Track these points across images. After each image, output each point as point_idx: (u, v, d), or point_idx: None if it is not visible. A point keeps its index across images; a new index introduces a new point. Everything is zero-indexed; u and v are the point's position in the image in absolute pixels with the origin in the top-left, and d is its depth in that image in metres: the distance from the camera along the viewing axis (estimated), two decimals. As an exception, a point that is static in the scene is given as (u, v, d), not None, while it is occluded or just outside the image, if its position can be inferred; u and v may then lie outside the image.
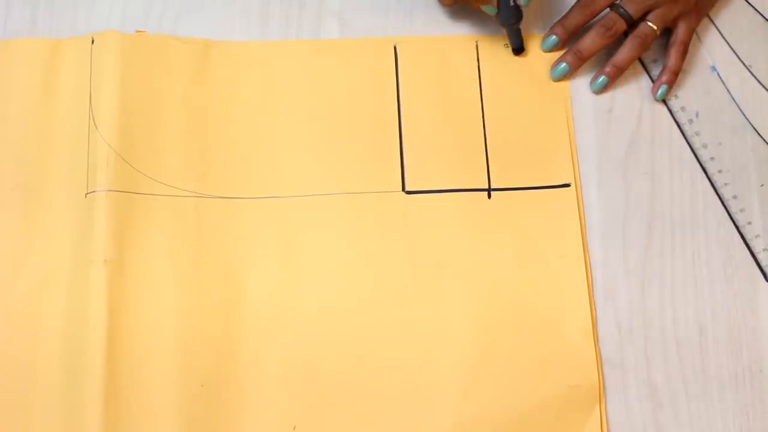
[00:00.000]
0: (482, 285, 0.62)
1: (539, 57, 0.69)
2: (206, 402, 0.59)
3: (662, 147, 0.68)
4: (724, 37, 0.71)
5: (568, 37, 0.68)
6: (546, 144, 0.66)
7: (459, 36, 0.69)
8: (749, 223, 0.66)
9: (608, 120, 0.68)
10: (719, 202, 0.67)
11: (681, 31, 0.68)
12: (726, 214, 0.66)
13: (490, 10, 0.66)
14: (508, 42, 0.68)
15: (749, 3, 0.72)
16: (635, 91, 0.69)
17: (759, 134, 0.69)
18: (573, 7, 0.68)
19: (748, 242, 0.66)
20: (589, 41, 0.67)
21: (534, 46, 0.69)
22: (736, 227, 0.66)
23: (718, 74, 0.70)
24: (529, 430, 0.60)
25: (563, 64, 0.67)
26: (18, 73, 0.65)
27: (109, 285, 0.59)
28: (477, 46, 0.69)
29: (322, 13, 0.69)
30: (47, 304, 0.60)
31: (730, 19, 0.72)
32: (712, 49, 0.71)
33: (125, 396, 0.58)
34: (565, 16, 0.68)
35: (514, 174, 0.65)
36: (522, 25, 0.67)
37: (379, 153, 0.65)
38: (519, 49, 0.68)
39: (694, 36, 0.70)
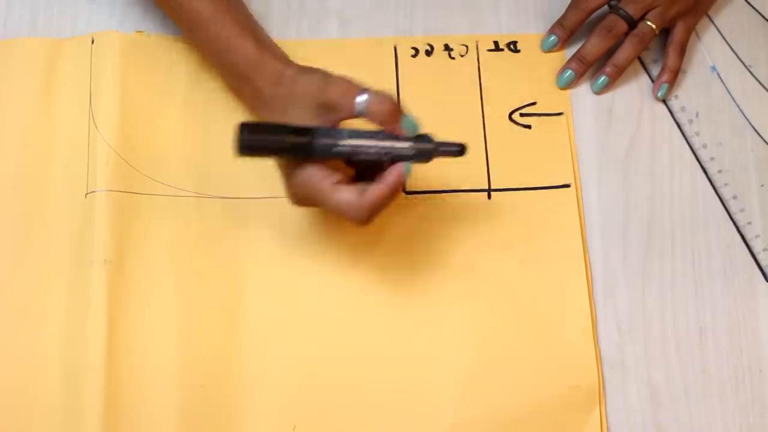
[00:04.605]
0: (482, 285, 0.62)
1: (539, 57, 0.69)
2: (206, 402, 0.59)
3: (662, 147, 0.68)
4: (723, 37, 0.71)
5: (568, 36, 0.68)
6: (546, 144, 0.66)
7: (459, 36, 0.69)
8: (749, 223, 0.66)
9: (608, 120, 0.68)
10: (719, 202, 0.67)
11: (679, 30, 0.68)
12: (726, 214, 0.66)
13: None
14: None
15: (749, 3, 0.72)
16: (635, 91, 0.69)
17: (759, 134, 0.69)
18: (569, 6, 0.69)
19: (748, 242, 0.66)
20: (592, 45, 0.67)
21: (534, 46, 0.69)
22: (736, 227, 0.66)
23: (718, 74, 0.70)
24: (529, 430, 0.60)
25: (569, 72, 0.67)
26: (18, 73, 0.65)
27: (109, 285, 0.59)
28: (477, 46, 0.69)
29: (322, 13, 0.69)
30: (47, 304, 0.60)
31: (730, 19, 0.72)
32: (712, 49, 0.71)
33: (125, 395, 0.58)
34: (563, 16, 0.69)
35: (513, 174, 0.65)
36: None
37: (379, 153, 0.65)
38: (463, 149, 0.57)
39: (694, 36, 0.70)
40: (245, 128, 0.52)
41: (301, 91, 0.55)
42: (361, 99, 0.54)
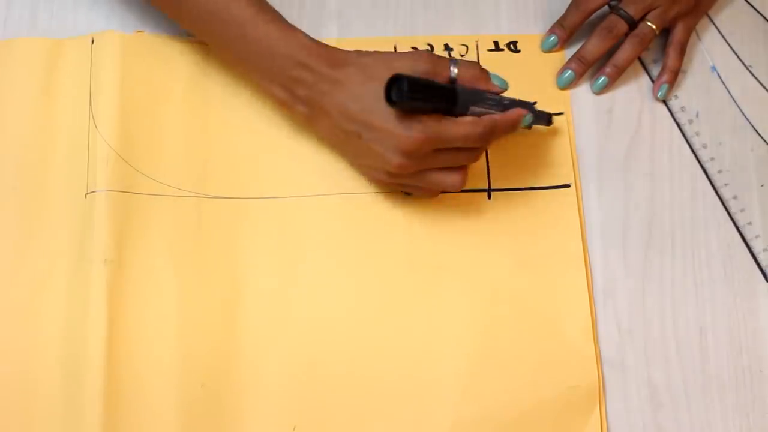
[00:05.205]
0: (482, 286, 0.62)
1: (539, 57, 0.69)
2: (206, 402, 0.59)
3: (662, 147, 0.68)
4: (724, 38, 0.71)
5: (568, 37, 0.69)
6: (546, 144, 0.66)
7: (459, 36, 0.69)
8: (749, 223, 0.66)
9: (608, 120, 0.68)
10: (719, 202, 0.67)
11: (678, 30, 0.68)
12: (726, 215, 0.66)
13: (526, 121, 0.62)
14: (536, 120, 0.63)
15: (749, 3, 0.72)
16: (635, 91, 0.69)
17: (759, 134, 0.69)
18: (569, 6, 0.69)
19: (748, 242, 0.66)
20: (592, 46, 0.67)
21: (534, 46, 0.69)
22: (736, 227, 0.66)
23: (718, 74, 0.70)
24: (529, 430, 0.60)
25: (568, 72, 0.67)
26: (18, 73, 0.65)
27: (109, 285, 0.59)
28: (477, 46, 0.69)
29: (322, 13, 0.69)
30: (47, 304, 0.60)
31: (730, 20, 0.72)
32: (712, 49, 0.71)
33: (125, 396, 0.58)
34: (563, 17, 0.69)
35: (514, 174, 0.65)
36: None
37: (379, 153, 0.65)
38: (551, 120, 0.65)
39: (695, 36, 0.70)
40: (403, 79, 0.54)
41: (381, 66, 0.58)
42: (454, 67, 0.59)
